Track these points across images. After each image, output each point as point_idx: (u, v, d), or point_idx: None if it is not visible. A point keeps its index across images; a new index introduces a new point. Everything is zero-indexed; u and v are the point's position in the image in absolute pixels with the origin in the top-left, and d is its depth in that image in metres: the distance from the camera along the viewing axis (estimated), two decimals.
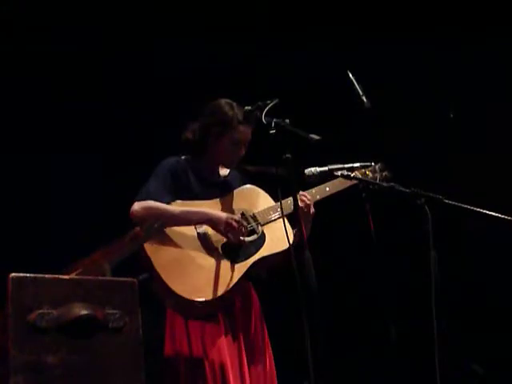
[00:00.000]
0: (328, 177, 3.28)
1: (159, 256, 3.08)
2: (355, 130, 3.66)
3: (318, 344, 2.69)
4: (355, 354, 5.04)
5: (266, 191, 3.38)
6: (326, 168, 3.17)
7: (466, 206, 2.99)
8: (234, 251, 3.19)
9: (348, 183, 3.41)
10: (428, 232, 2.86)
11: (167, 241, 3.12)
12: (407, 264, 4.78)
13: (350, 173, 3.12)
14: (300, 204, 3.24)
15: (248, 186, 3.42)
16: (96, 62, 4.61)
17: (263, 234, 3.26)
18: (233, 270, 3.15)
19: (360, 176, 3.48)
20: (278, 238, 3.11)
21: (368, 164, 3.59)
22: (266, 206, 3.31)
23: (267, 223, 3.28)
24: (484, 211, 2.98)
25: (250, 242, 3.23)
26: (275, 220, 3.27)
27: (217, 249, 3.18)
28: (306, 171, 3.17)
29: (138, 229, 3.10)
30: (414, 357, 4.38)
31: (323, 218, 3.42)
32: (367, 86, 3.50)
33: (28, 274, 2.25)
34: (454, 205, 2.99)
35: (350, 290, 5.13)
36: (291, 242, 3.02)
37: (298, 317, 2.72)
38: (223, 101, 3.35)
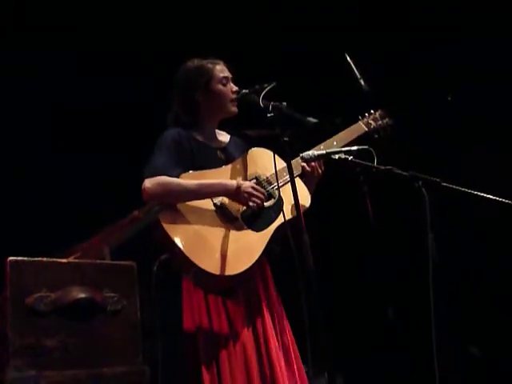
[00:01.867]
0: (325, 160, 3.28)
1: (179, 233, 2.95)
2: (353, 113, 3.66)
3: (317, 328, 2.70)
4: (354, 336, 5.06)
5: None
6: (323, 151, 3.17)
7: (463, 188, 3.00)
8: (254, 219, 3.09)
9: (356, 134, 3.42)
10: (425, 214, 2.87)
11: (184, 216, 3.00)
12: (405, 246, 4.78)
13: (347, 156, 3.10)
14: (307, 168, 3.24)
15: (257, 148, 3.31)
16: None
17: (280, 197, 3.15)
18: (257, 238, 3.06)
19: (365, 128, 3.49)
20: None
21: (369, 113, 3.59)
22: (279, 168, 3.11)
23: (282, 185, 3.12)
24: (481, 194, 2.98)
25: (269, 207, 3.13)
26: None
27: (237, 218, 3.07)
28: (304, 154, 3.17)
29: (136, 212, 3.09)
30: (412, 339, 4.39)
31: (321, 201, 3.42)
32: (366, 72, 3.49)
33: (26, 258, 2.26)
34: (452, 188, 2.99)
35: (348, 273, 5.14)
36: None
37: (296, 300, 2.73)
38: (187, 62, 3.32)
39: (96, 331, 2.31)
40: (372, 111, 3.61)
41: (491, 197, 3.00)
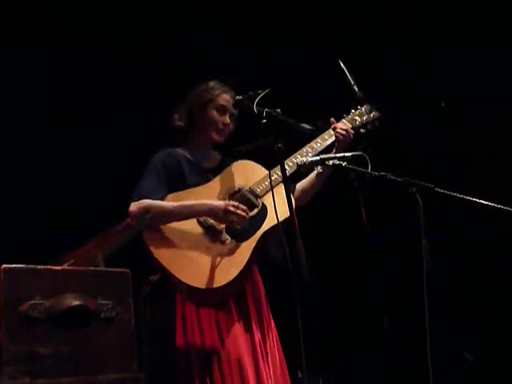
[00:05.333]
0: (320, 166, 3.28)
1: (165, 253, 3.03)
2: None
3: (312, 334, 2.69)
4: (349, 343, 5.05)
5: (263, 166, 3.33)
6: (317, 157, 3.17)
7: (457, 194, 3.00)
8: (238, 230, 3.12)
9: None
10: (420, 220, 2.87)
11: (170, 236, 3.07)
12: (399, 252, 4.78)
13: (341, 162, 3.11)
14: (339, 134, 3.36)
15: (240, 161, 3.35)
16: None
17: (264, 206, 3.18)
18: (241, 248, 3.10)
19: (349, 125, 3.47)
20: (278, 205, 2.90)
21: (356, 108, 3.58)
22: (261, 177, 3.23)
23: (265, 194, 3.18)
24: (475, 199, 2.99)
25: (252, 217, 3.16)
26: (273, 187, 3.06)
27: (221, 232, 3.11)
28: (298, 161, 3.17)
29: (129, 219, 3.10)
30: (407, 345, 4.39)
31: (315, 207, 3.42)
32: (359, 78, 3.50)
33: (20, 265, 2.25)
34: (446, 193, 3.00)
35: (343, 280, 5.14)
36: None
37: (290, 306, 2.72)
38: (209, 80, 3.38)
39: (90, 338, 2.30)
40: (358, 106, 3.58)
41: (486, 203, 3.00)
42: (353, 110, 3.57)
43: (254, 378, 3.00)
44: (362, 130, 3.52)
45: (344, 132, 3.39)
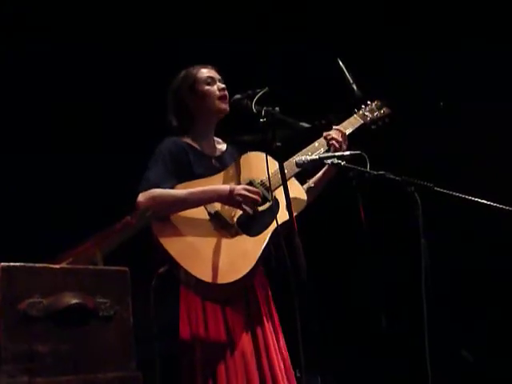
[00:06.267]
0: (319, 165, 3.28)
1: (175, 245, 2.96)
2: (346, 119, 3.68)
3: (310, 334, 2.69)
4: (348, 343, 5.05)
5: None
6: (316, 156, 3.17)
7: (456, 193, 3.00)
8: (249, 224, 3.07)
9: (350, 127, 3.45)
10: (418, 220, 2.87)
11: (180, 228, 3.01)
12: (398, 252, 4.78)
13: (340, 161, 3.11)
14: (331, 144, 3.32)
15: (252, 152, 3.30)
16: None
17: (276, 200, 3.12)
18: (253, 243, 3.04)
19: (361, 121, 3.48)
20: (291, 200, 2.84)
21: (367, 104, 3.57)
22: (272, 170, 3.09)
23: (278, 187, 3.08)
24: (474, 199, 2.98)
25: (265, 210, 3.11)
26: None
27: (232, 225, 3.06)
28: (297, 159, 3.17)
29: (129, 217, 3.09)
30: (405, 345, 4.39)
31: (313, 207, 3.42)
32: (359, 78, 3.50)
33: (18, 264, 2.25)
34: (444, 192, 2.99)
35: (341, 280, 5.14)
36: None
37: (289, 305, 2.72)
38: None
39: (89, 337, 2.29)
40: (369, 102, 3.58)
41: (486, 202, 3.00)
42: (363, 106, 3.57)
43: (259, 375, 2.97)
44: (373, 127, 3.52)
45: (334, 142, 3.35)
